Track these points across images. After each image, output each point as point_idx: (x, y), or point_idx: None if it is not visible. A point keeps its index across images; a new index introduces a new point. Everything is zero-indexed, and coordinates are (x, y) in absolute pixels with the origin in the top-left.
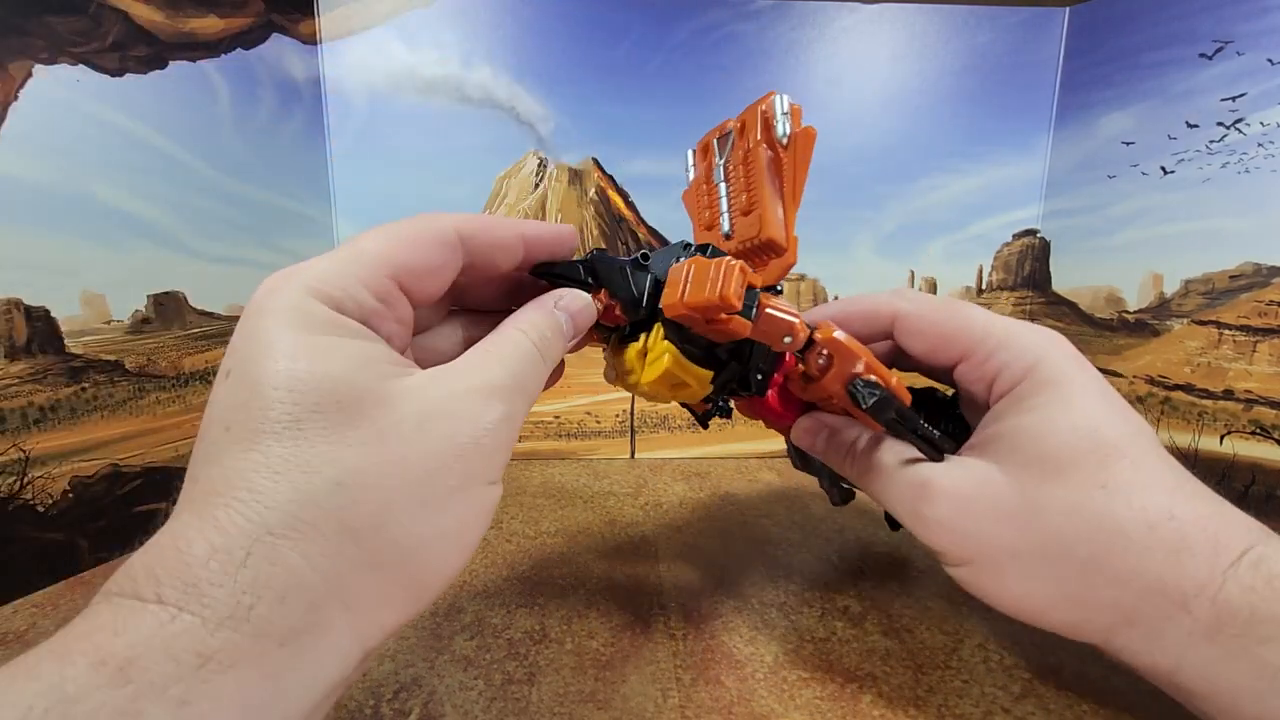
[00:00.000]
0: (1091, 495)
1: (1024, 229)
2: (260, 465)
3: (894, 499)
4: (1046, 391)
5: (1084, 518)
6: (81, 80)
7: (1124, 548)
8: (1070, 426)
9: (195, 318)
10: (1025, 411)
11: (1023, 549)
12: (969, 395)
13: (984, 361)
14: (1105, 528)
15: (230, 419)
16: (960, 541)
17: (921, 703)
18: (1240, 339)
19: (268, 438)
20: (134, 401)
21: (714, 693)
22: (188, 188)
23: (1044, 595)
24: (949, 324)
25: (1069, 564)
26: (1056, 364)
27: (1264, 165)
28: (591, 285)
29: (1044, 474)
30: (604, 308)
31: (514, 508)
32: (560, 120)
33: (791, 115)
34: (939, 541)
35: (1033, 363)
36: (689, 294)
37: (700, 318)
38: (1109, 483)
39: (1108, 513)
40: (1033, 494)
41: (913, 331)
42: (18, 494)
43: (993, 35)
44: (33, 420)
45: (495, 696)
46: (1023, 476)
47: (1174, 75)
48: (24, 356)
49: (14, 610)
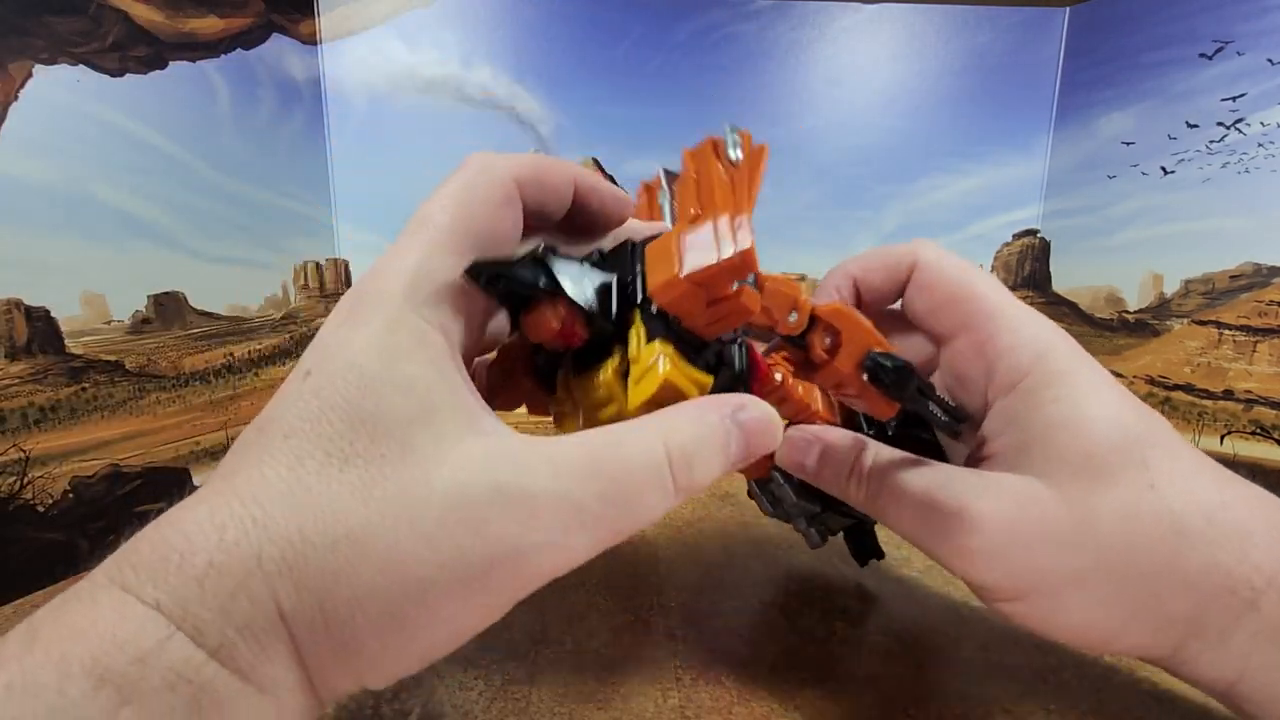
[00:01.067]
0: (1143, 496)
1: (1024, 229)
2: (283, 486)
3: (922, 530)
4: (1063, 383)
5: (1142, 522)
6: (81, 80)
7: (1189, 547)
8: (1104, 418)
9: (195, 318)
10: (1047, 404)
11: (1084, 572)
12: (959, 374)
13: (987, 340)
14: (1165, 529)
15: (288, 423)
16: (1014, 573)
17: (921, 703)
18: (1240, 339)
19: (308, 458)
20: (134, 401)
21: (714, 693)
22: (188, 188)
23: (1112, 619)
24: (962, 288)
25: (1134, 578)
26: (1066, 355)
27: (1264, 165)
28: (541, 291)
29: (1090, 479)
30: (560, 325)
31: None
32: (560, 120)
33: (742, 141)
34: (987, 576)
35: (1043, 351)
36: (691, 264)
37: (705, 296)
38: (1156, 480)
39: (1165, 511)
40: (1082, 505)
41: (924, 285)
42: (18, 494)
43: (993, 35)
44: (33, 420)
45: (495, 696)
46: (1067, 485)
47: (1174, 75)
48: (24, 356)
49: (14, 610)
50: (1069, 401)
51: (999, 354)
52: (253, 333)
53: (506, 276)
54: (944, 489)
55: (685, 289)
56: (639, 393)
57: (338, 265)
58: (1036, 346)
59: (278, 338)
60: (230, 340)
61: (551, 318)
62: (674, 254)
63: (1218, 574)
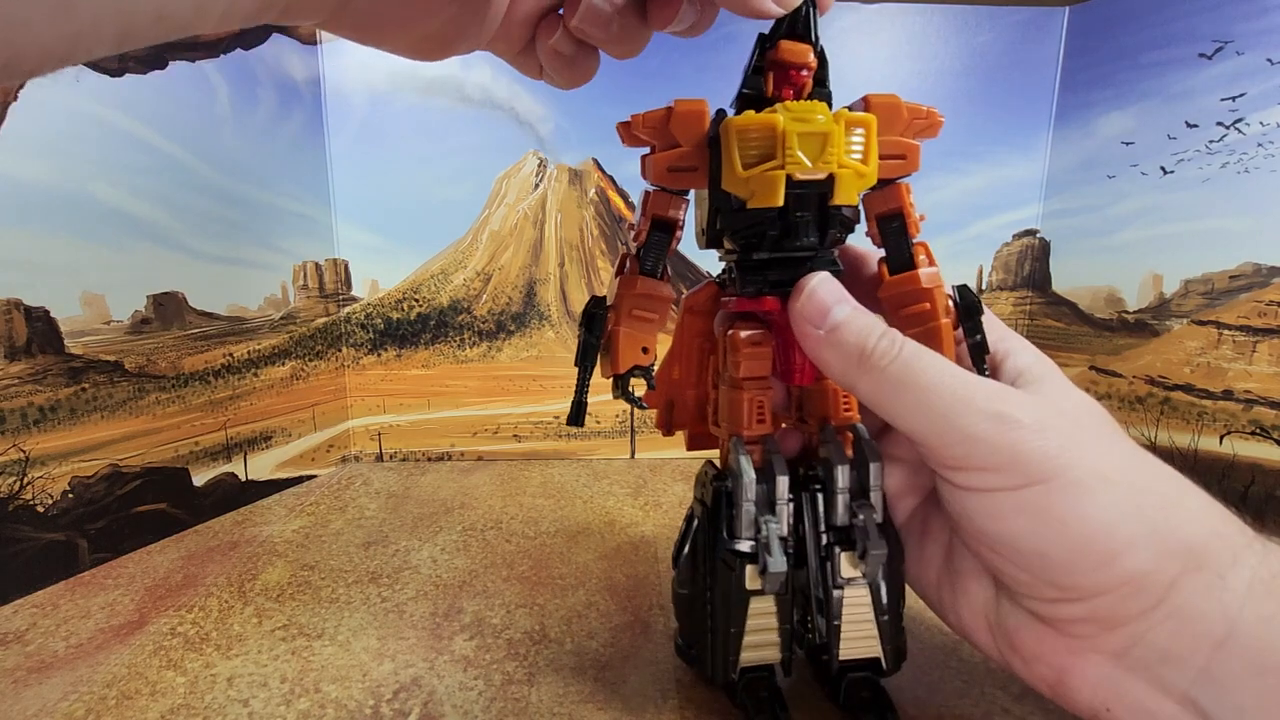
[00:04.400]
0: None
1: (1024, 229)
2: None
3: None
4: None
5: (1153, 461)
6: (81, 80)
7: (1192, 487)
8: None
9: (195, 318)
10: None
11: (1112, 471)
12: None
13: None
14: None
15: None
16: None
17: (921, 703)
18: (1240, 339)
19: None
20: (134, 401)
21: (714, 693)
22: (188, 188)
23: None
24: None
25: (1152, 496)
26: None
27: (1264, 165)
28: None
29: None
30: (808, 63)
31: (513, 508)
32: (560, 120)
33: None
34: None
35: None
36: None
37: (905, 122)
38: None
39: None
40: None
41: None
42: (18, 494)
43: (993, 35)
44: (33, 420)
45: (495, 696)
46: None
47: (1174, 75)
48: (24, 357)
49: (14, 610)
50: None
51: (1010, 352)
52: (252, 333)
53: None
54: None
55: (897, 101)
56: (849, 114)
57: (337, 265)
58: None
59: (277, 338)
60: (230, 340)
61: (809, 52)
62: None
63: (1217, 512)
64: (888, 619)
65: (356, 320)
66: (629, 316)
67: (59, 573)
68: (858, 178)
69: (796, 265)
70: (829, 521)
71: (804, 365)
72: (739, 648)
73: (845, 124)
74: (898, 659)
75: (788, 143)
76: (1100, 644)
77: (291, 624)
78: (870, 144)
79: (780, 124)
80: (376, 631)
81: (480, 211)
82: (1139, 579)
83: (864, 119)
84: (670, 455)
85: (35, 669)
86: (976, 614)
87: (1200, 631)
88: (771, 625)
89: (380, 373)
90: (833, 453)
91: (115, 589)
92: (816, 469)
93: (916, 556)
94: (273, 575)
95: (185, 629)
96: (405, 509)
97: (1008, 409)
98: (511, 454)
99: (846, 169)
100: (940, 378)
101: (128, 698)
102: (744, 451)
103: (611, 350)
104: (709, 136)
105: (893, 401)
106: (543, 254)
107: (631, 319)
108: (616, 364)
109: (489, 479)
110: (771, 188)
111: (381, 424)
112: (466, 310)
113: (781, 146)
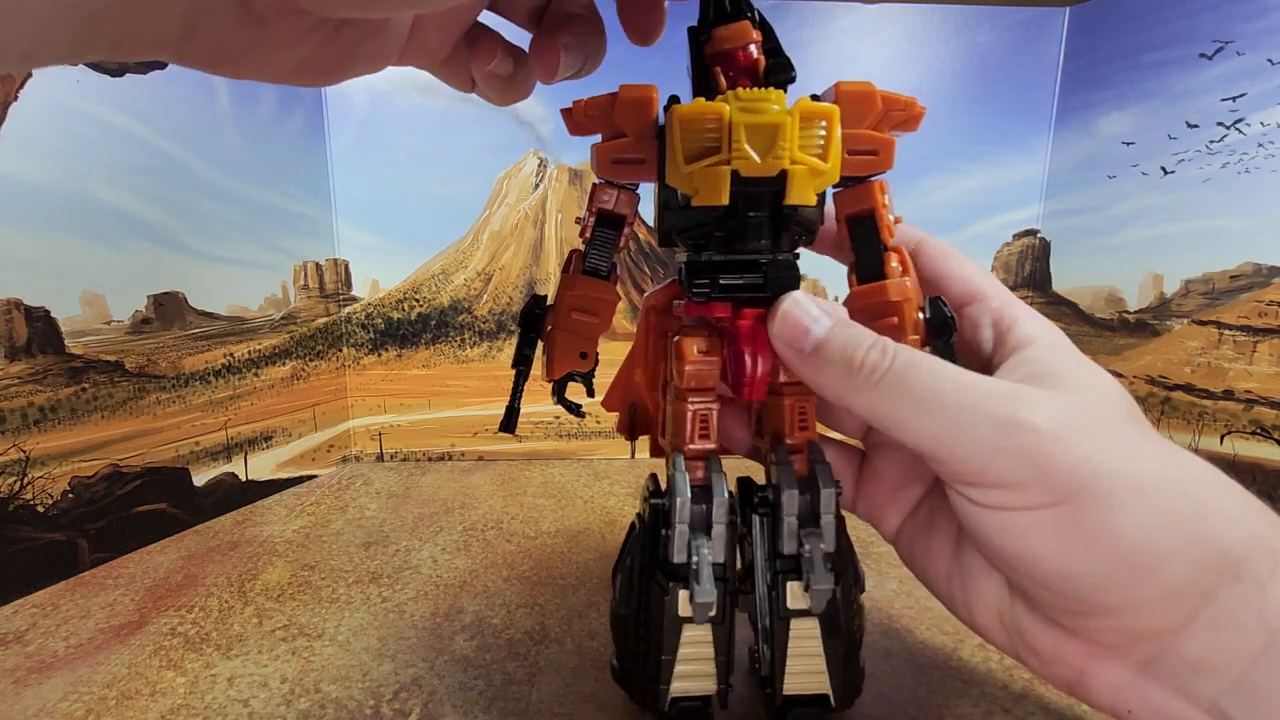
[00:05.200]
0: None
1: (1024, 229)
2: None
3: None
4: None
5: (1191, 462)
6: (81, 80)
7: (1228, 485)
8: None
9: (195, 318)
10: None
11: (1143, 476)
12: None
13: (1003, 307)
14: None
15: None
16: (1078, 453)
17: (921, 703)
18: (1240, 339)
19: None
20: (134, 401)
21: None
22: (188, 188)
23: (1164, 541)
24: (968, 262)
25: (1187, 501)
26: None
27: (1264, 165)
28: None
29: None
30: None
31: (514, 508)
32: (561, 120)
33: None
34: (1048, 454)
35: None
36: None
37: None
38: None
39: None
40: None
41: (936, 255)
42: (18, 494)
43: (993, 35)
44: (33, 420)
45: (495, 696)
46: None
47: (1174, 75)
48: (24, 357)
49: (14, 610)
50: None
51: (1016, 320)
52: (253, 333)
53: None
54: (988, 379)
55: (871, 91)
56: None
57: (338, 265)
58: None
59: (278, 338)
60: (230, 340)
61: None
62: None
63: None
64: (839, 654)
65: (357, 320)
66: (567, 318)
67: (59, 573)
68: (814, 175)
69: (751, 268)
70: (775, 549)
71: (755, 379)
72: (669, 676)
73: (801, 116)
74: (848, 697)
75: (734, 135)
76: (1125, 653)
77: (292, 624)
78: (832, 138)
79: (726, 114)
80: (377, 631)
81: (481, 211)
82: (1173, 594)
83: (825, 110)
84: None
85: (35, 669)
86: (989, 611)
87: (1237, 644)
88: (707, 655)
89: (381, 373)
90: (781, 476)
91: (115, 589)
92: (768, 492)
93: (924, 549)
94: (273, 575)
95: (185, 629)
96: (406, 509)
97: (1022, 414)
98: (512, 454)
99: (801, 165)
100: (939, 384)
101: (128, 698)
102: (683, 469)
103: (547, 354)
104: (657, 126)
105: (893, 417)
106: (543, 254)
107: (570, 321)
108: (551, 369)
109: (489, 479)
110: (716, 184)
111: (382, 424)
112: (467, 310)
113: (727, 139)
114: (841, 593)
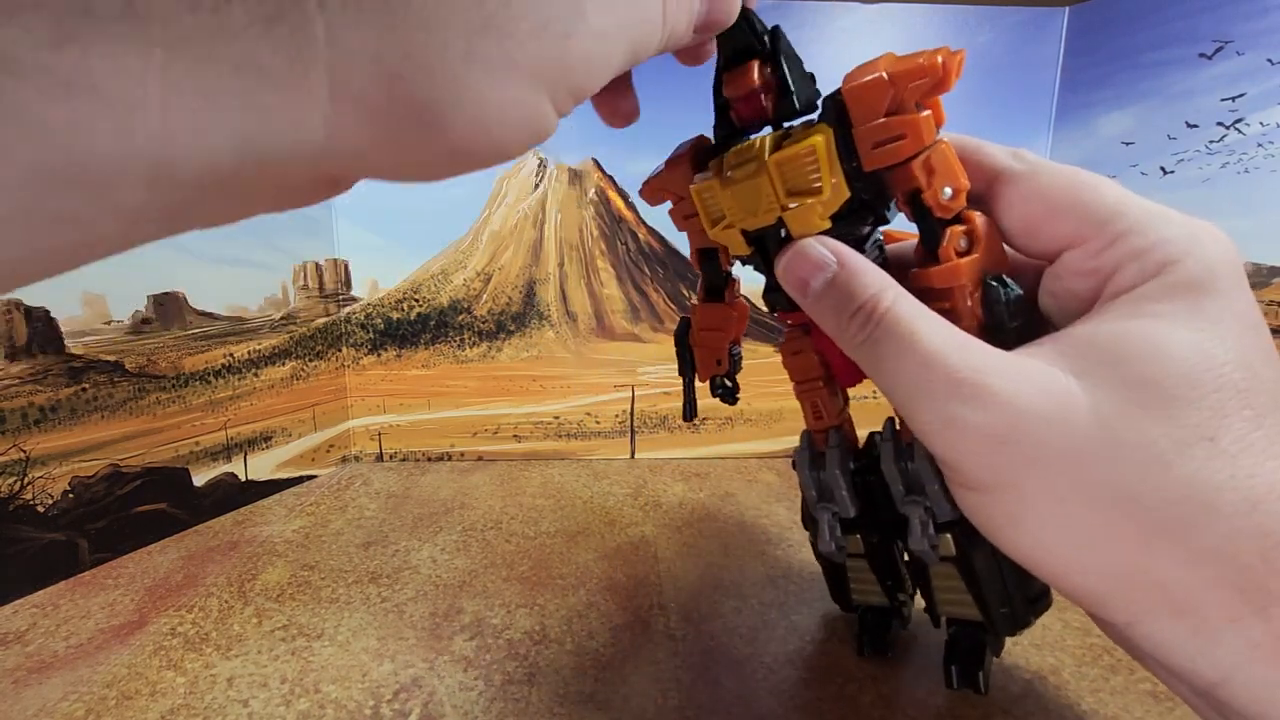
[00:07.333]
0: (1192, 448)
1: None
2: None
3: (915, 388)
4: (1180, 298)
5: (1172, 475)
6: None
7: (1208, 524)
8: (1199, 350)
9: (195, 318)
10: (1141, 316)
11: (1074, 492)
12: (1068, 296)
13: (1104, 249)
14: (1195, 494)
15: None
16: (995, 463)
17: (921, 703)
18: None
19: None
20: (134, 402)
21: (714, 693)
22: None
23: (1080, 554)
24: (1067, 194)
25: (1130, 525)
26: (1207, 266)
27: (1264, 165)
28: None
29: (1143, 404)
30: (759, 84)
31: (514, 508)
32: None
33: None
34: (965, 453)
35: (1175, 259)
36: (891, 64)
37: (890, 97)
38: (1218, 435)
39: (1204, 475)
40: (1115, 426)
41: (1017, 200)
42: (18, 494)
43: (993, 35)
44: (33, 420)
45: (495, 696)
46: (1110, 399)
47: (1174, 75)
48: (24, 357)
49: (14, 610)
50: (1169, 320)
51: (1118, 263)
52: (252, 333)
53: (747, 20)
54: (960, 352)
55: (877, 80)
56: (787, 150)
57: (337, 265)
58: (1167, 253)
59: (277, 338)
60: (230, 340)
61: (756, 74)
62: (876, 67)
63: (1230, 566)
64: (984, 592)
65: (357, 320)
66: (698, 336)
67: (59, 573)
68: (812, 209)
69: None
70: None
71: (841, 369)
72: (846, 589)
73: (776, 166)
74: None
75: (727, 204)
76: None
77: (291, 624)
78: (823, 165)
79: (718, 188)
80: (376, 631)
81: (480, 211)
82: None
83: (807, 146)
84: (670, 456)
85: (35, 669)
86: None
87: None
88: (870, 578)
89: (380, 373)
90: (882, 451)
91: (115, 589)
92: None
93: None
94: (273, 575)
95: (185, 629)
96: (405, 509)
97: (963, 412)
98: (511, 454)
99: (793, 208)
100: (900, 357)
101: (128, 698)
102: (804, 446)
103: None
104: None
105: (874, 381)
106: (543, 254)
107: (701, 338)
108: (701, 375)
109: (489, 479)
110: (733, 242)
111: (381, 424)
112: (466, 310)
113: (725, 207)
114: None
